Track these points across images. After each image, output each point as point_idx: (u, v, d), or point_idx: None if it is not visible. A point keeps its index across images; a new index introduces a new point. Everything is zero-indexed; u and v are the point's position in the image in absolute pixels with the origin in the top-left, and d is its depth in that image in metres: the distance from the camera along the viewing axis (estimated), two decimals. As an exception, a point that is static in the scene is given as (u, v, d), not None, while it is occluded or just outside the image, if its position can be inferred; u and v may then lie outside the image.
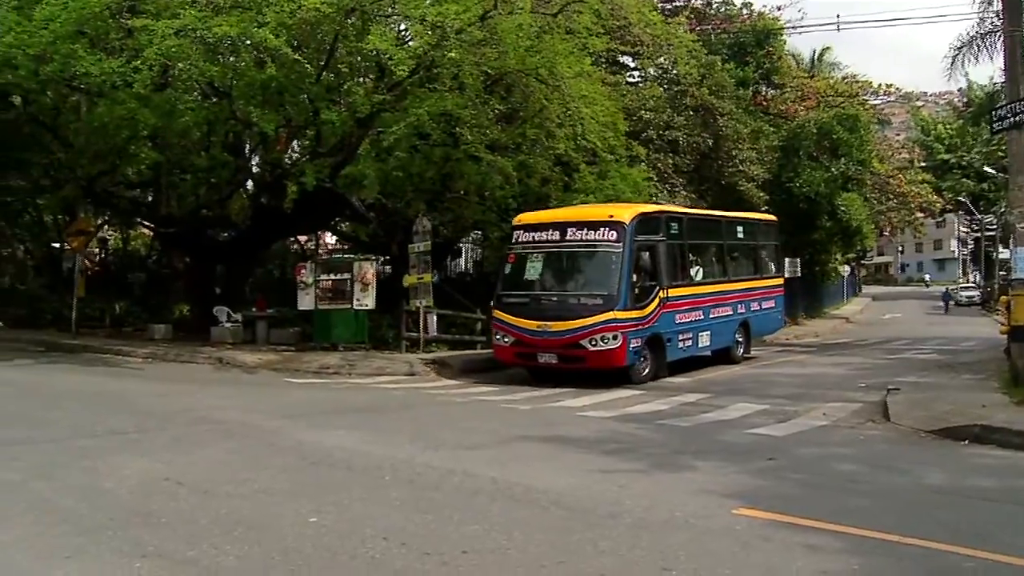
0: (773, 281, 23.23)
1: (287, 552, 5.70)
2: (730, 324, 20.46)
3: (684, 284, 18.42)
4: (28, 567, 5.34)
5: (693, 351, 18.73)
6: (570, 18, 19.21)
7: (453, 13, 16.79)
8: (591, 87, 20.08)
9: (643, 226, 17.10)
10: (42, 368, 17.26)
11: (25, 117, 22.90)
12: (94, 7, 16.56)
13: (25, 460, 8.36)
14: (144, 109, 17.89)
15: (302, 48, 18.06)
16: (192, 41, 16.63)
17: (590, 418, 12.20)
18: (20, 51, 16.85)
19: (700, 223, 20.61)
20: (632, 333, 16.27)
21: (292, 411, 12.17)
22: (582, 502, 7.20)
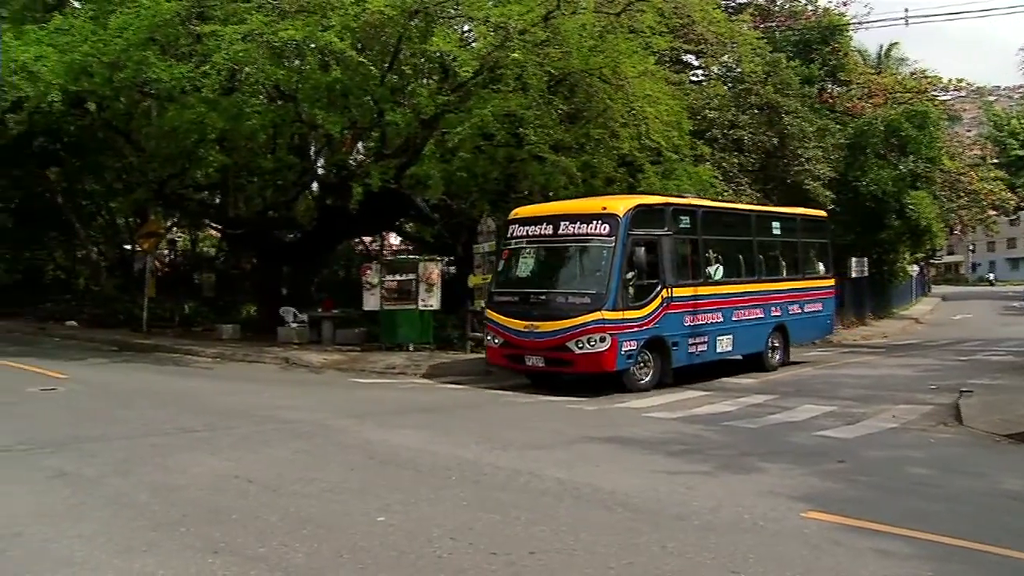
0: (820, 282, 21.34)
1: (355, 550, 5.75)
2: (761, 328, 18.78)
3: (696, 283, 16.94)
4: (107, 560, 5.45)
5: (709, 356, 17.27)
6: (633, 17, 19.08)
7: (516, 14, 16.82)
8: (655, 86, 19.93)
9: (641, 219, 15.85)
10: (115, 367, 17.64)
11: (99, 123, 23.47)
12: (165, 14, 16.91)
13: (101, 457, 8.55)
14: (212, 113, 18.23)
15: (366, 50, 18.18)
16: (259, 45, 16.85)
17: (655, 419, 12.14)
18: (95, 59, 17.29)
19: (721, 217, 19.11)
20: (625, 335, 15.06)
21: (358, 410, 12.27)
22: (649, 503, 7.18)
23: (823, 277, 21.61)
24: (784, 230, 20.47)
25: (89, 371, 16.52)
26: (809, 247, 21.70)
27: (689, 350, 16.64)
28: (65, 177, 32.30)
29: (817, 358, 21.66)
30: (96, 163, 29.58)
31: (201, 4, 17.53)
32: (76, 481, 7.55)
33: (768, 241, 19.97)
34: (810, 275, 21.07)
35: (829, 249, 22.59)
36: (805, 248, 21.44)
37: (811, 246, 21.79)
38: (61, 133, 26.61)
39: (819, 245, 22.19)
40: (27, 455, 8.60)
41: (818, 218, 22.62)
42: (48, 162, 30.31)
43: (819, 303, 21.05)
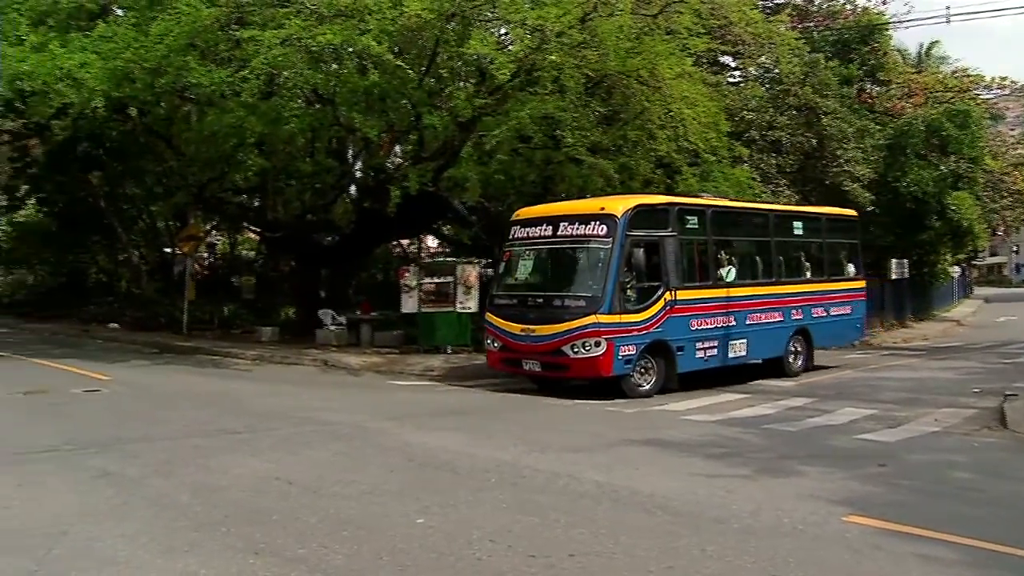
0: (849, 284, 20.58)
1: (394, 552, 5.78)
2: (780, 332, 18.08)
3: (705, 285, 16.41)
4: (151, 559, 5.52)
5: (720, 362, 16.61)
6: (670, 18, 18.98)
7: (553, 16, 16.83)
8: (692, 88, 19.83)
9: (641, 219, 15.37)
10: (157, 369, 17.84)
11: (141, 128, 23.80)
12: (204, 20, 17.09)
13: (143, 457, 8.66)
14: (251, 117, 18.41)
15: (404, 54, 18.25)
16: (297, 50, 17.00)
17: (694, 422, 12.10)
18: (137, 65, 17.53)
19: (735, 217, 18.48)
20: (622, 339, 14.63)
21: (397, 413, 12.31)
22: (688, 506, 7.15)
23: (853, 279, 20.83)
24: (807, 230, 19.72)
25: (131, 373, 16.72)
26: (837, 248, 20.99)
27: (697, 355, 16.11)
28: (107, 181, 32.76)
29: (857, 360, 21.44)
30: (137, 167, 29.97)
31: (240, 9, 17.69)
32: (119, 481, 7.65)
33: (789, 242, 19.28)
34: (837, 277, 20.37)
35: (859, 250, 21.70)
36: (832, 249, 20.73)
37: (839, 247, 21.09)
38: (103, 138, 27.01)
39: (848, 246, 21.38)
40: (72, 455, 8.73)
41: (847, 218, 21.70)
42: (91, 167, 30.73)
43: (848, 306, 20.30)
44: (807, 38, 29.47)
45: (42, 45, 17.88)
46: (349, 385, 16.09)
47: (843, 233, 21.32)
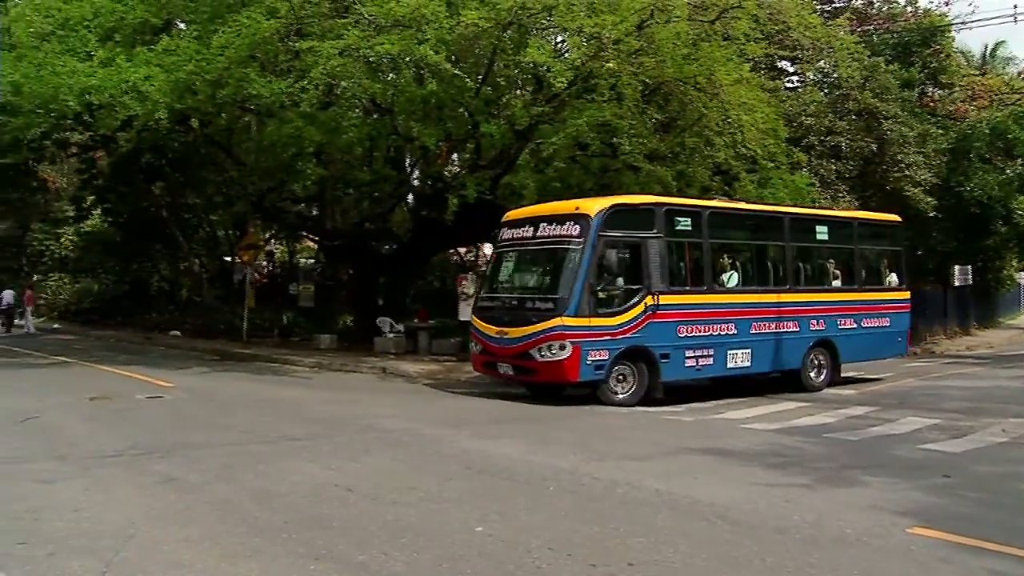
0: (887, 294, 19.15)
1: (454, 559, 5.78)
2: (795, 343, 16.86)
3: (697, 290, 15.68)
4: (214, 564, 5.59)
5: (716, 372, 15.90)
6: (727, 24, 18.84)
7: (610, 24, 16.81)
8: (750, 93, 19.68)
9: (620, 220, 14.80)
10: (217, 376, 18.08)
11: (202, 139, 24.20)
12: (264, 32, 17.31)
13: (205, 463, 8.77)
14: (310, 127, 18.62)
15: (461, 63, 18.38)
16: (355, 60, 17.16)
17: (753, 430, 11.96)
18: (199, 77, 17.81)
19: (739, 219, 17.47)
20: (592, 343, 14.10)
21: (455, 420, 12.35)
22: (748, 516, 7.07)
23: (893, 289, 19.39)
24: (834, 236, 18.45)
25: (193, 379, 16.98)
26: (874, 255, 19.78)
27: (687, 363, 15.30)
28: (169, 192, 33.36)
29: (919, 369, 21.09)
30: (198, 177, 30.50)
31: (299, 21, 17.91)
32: (182, 486, 7.76)
33: (810, 248, 18.20)
34: (873, 286, 19.09)
35: (902, 258, 20.11)
36: (866, 256, 19.51)
37: (877, 254, 19.85)
38: (166, 149, 27.50)
39: (889, 254, 19.98)
40: (137, 460, 8.87)
41: (886, 223, 20.34)
42: (154, 177, 31.32)
43: (886, 318, 18.86)
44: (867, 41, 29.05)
45: (109, 60, 18.26)
46: (407, 392, 16.17)
47: (882, 240, 20.13)
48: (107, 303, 38.80)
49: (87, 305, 40.62)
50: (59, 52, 18.47)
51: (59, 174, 42.16)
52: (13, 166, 30.17)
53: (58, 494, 7.34)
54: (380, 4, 16.94)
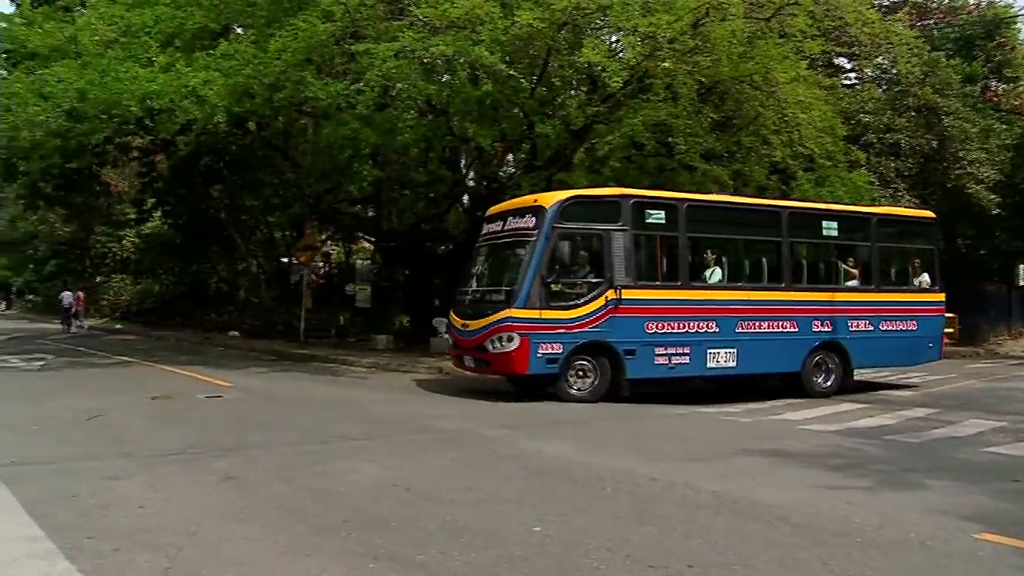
0: (914, 295, 17.74)
1: (512, 560, 5.76)
2: (793, 345, 16.00)
3: (670, 285, 15.17)
4: (275, 561, 5.63)
5: (693, 372, 15.42)
6: (784, 21, 18.66)
7: (665, 23, 16.73)
8: (807, 91, 19.47)
9: (579, 212, 14.63)
10: (275, 376, 18.26)
11: (259, 141, 24.49)
12: (320, 35, 17.48)
13: (264, 462, 8.85)
14: (366, 129, 18.75)
15: (516, 63, 18.37)
16: (410, 62, 17.26)
17: (812, 431, 11.82)
18: (257, 81, 18.05)
19: (724, 213, 16.60)
20: (542, 336, 13.99)
21: (512, 421, 12.33)
22: (808, 518, 6.97)
23: (923, 290, 17.89)
24: (846, 232, 17.45)
25: (251, 379, 17.17)
26: (898, 253, 18.55)
27: (656, 361, 14.83)
28: (227, 194, 33.81)
29: (982, 370, 20.70)
30: (256, 180, 30.86)
31: (354, 24, 18.04)
32: (242, 485, 7.84)
33: (815, 244, 17.29)
34: (894, 287, 17.83)
35: (935, 257, 18.39)
36: (888, 254, 18.33)
37: (902, 253, 18.53)
38: (224, 152, 27.90)
39: (920, 252, 18.42)
40: (197, 458, 8.98)
41: (916, 220, 18.92)
42: (212, 180, 31.76)
43: (912, 321, 17.45)
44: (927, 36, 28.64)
45: (169, 65, 18.56)
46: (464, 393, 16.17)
47: (911, 237, 18.68)
48: (167, 304, 39.47)
49: (148, 306, 41.37)
50: (122, 59, 18.81)
51: (121, 178, 42.90)
52: (78, 171, 30.77)
53: (123, 490, 7.45)
54: (435, 6, 17.03)
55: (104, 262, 49.78)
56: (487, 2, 16.74)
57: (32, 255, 58.43)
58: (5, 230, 61.04)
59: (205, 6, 19.78)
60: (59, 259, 54.68)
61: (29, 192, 34.40)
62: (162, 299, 40.65)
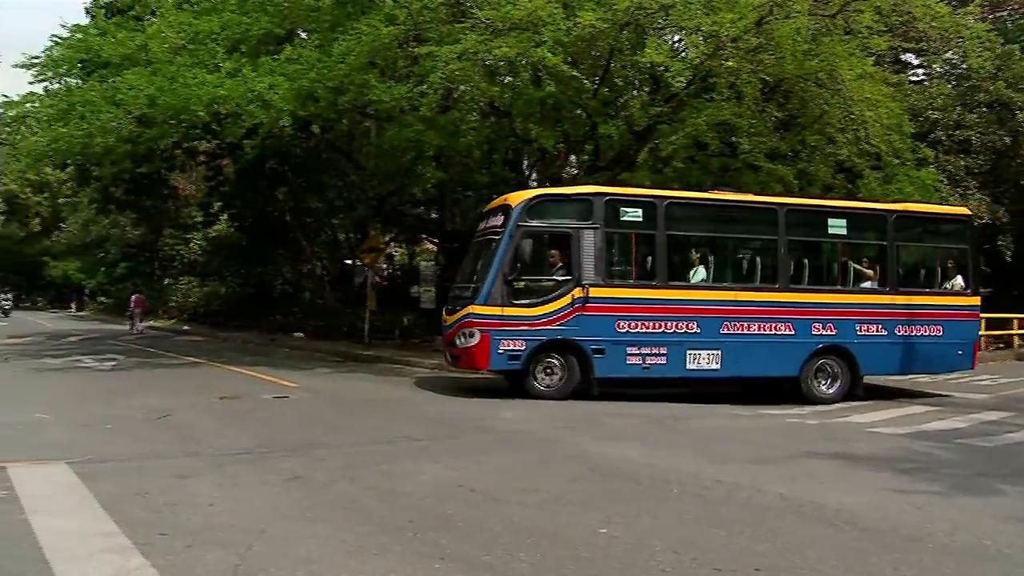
0: (939, 299, 16.40)
1: (578, 561, 5.76)
2: (790, 348, 15.34)
3: (644, 284, 15.06)
4: (342, 561, 5.68)
5: (671, 373, 15.13)
6: (849, 17, 18.35)
7: (728, 21, 16.60)
8: (874, 88, 19.12)
9: (546, 210, 14.93)
10: (340, 377, 18.44)
11: (323, 144, 24.76)
12: (384, 39, 17.62)
13: (330, 462, 8.94)
14: (430, 131, 18.87)
15: (578, 64, 18.37)
16: (473, 64, 17.32)
17: (880, 434, 11.65)
18: (321, 84, 18.26)
19: (710, 210, 16.22)
20: (503, 332, 14.31)
21: (576, 422, 12.33)
22: (877, 523, 6.87)
23: (952, 293, 16.61)
24: (857, 230, 16.53)
25: (316, 380, 17.36)
26: (923, 253, 17.47)
27: (629, 361, 14.77)
28: (292, 197, 34.18)
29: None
30: (320, 182, 31.17)
31: (417, 27, 18.17)
32: (308, 484, 7.92)
33: (817, 242, 16.61)
34: (915, 289, 16.54)
35: (970, 258, 17.07)
36: (909, 254, 17.34)
37: (929, 252, 17.38)
38: (289, 156, 28.21)
39: (952, 252, 17.10)
40: (264, 458, 9.10)
41: (947, 217, 17.64)
42: (277, 183, 32.14)
43: (936, 326, 16.16)
44: (1000, 29, 27.94)
45: (236, 70, 18.85)
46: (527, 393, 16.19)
47: (939, 236, 17.54)
48: (233, 305, 40.02)
49: (214, 307, 42.00)
50: (190, 65, 19.15)
51: (188, 181, 43.66)
52: (147, 175, 31.34)
53: (193, 488, 7.59)
54: (497, 7, 17.07)
55: (172, 265, 50.69)
56: (549, 3, 16.74)
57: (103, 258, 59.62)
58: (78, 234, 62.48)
59: (270, 12, 20.06)
60: (129, 262, 55.75)
61: (101, 196, 35.15)
62: (228, 301, 41.23)
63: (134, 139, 21.37)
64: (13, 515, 6.60)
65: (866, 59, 19.43)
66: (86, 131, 19.62)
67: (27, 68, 21.52)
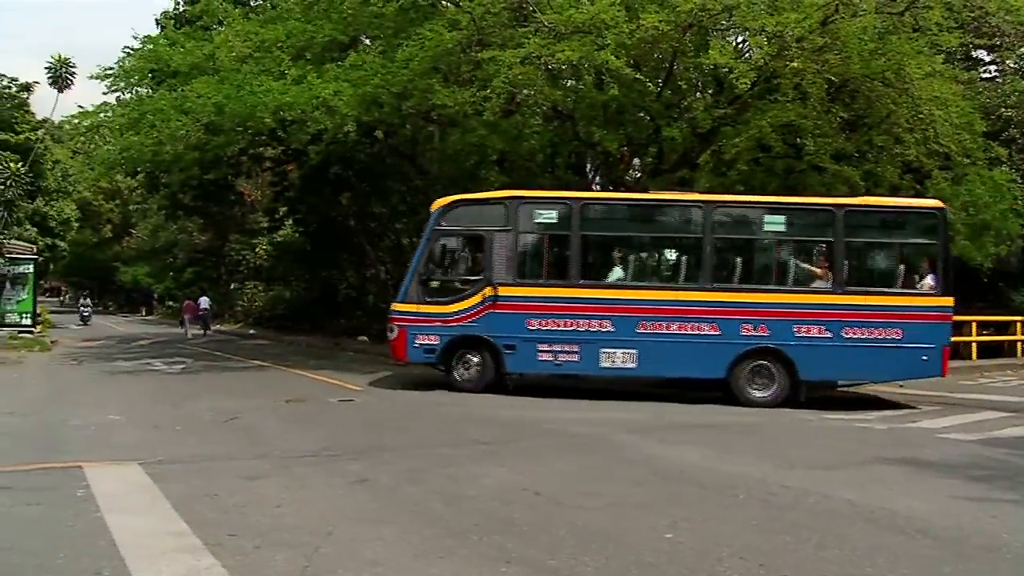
0: (897, 299, 15.11)
1: (643, 566, 5.71)
2: (715, 349, 14.94)
3: (555, 284, 15.50)
4: (408, 563, 5.71)
5: (584, 370, 15.63)
6: (918, 15, 17.98)
7: (793, 21, 16.40)
8: (943, 87, 18.71)
9: (460, 215, 15.91)
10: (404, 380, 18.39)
11: (387, 149, 24.97)
12: (447, 44, 17.73)
13: (395, 465, 8.99)
14: (493, 135, 18.94)
15: (641, 67, 18.27)
16: (536, 68, 17.34)
17: (951, 440, 11.41)
18: (385, 90, 18.44)
19: (629, 211, 16.56)
20: (418, 328, 15.70)
21: (639, 426, 12.26)
22: (950, 531, 6.72)
23: (917, 293, 15.23)
24: (800, 227, 15.92)
25: (380, 384, 17.50)
26: (885, 250, 16.36)
27: (540, 358, 15.37)
28: (355, 202, 34.45)
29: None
30: (383, 187, 31.41)
31: (480, 32, 18.23)
32: (374, 487, 7.98)
33: (751, 240, 16.05)
34: (868, 289, 15.43)
35: (941, 255, 15.41)
36: (865, 252, 16.38)
37: (891, 249, 16.20)
38: (352, 161, 28.49)
39: (920, 249, 15.84)
40: (331, 461, 9.19)
41: (912, 211, 16.19)
42: (341, 188, 32.44)
43: (895, 328, 14.92)
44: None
45: (301, 77, 19.11)
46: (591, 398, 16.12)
47: (902, 232, 16.16)
48: (298, 309, 40.46)
49: (279, 311, 42.50)
50: (256, 73, 19.46)
51: (254, 187, 44.31)
52: (214, 181, 31.93)
53: (261, 490, 7.69)
54: (560, 12, 17.07)
55: (238, 269, 51.45)
56: (612, 6, 16.69)
57: (172, 263, 60.76)
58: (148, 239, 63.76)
59: (334, 19, 20.29)
60: (196, 266, 56.73)
61: (170, 203, 35.87)
62: (293, 305, 41.68)
63: (202, 146, 21.80)
64: (90, 513, 6.76)
65: (935, 57, 19.02)
66: (156, 139, 20.03)
67: (101, 79, 22.04)
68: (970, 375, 20.48)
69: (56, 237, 46.48)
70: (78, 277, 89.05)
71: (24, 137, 40.26)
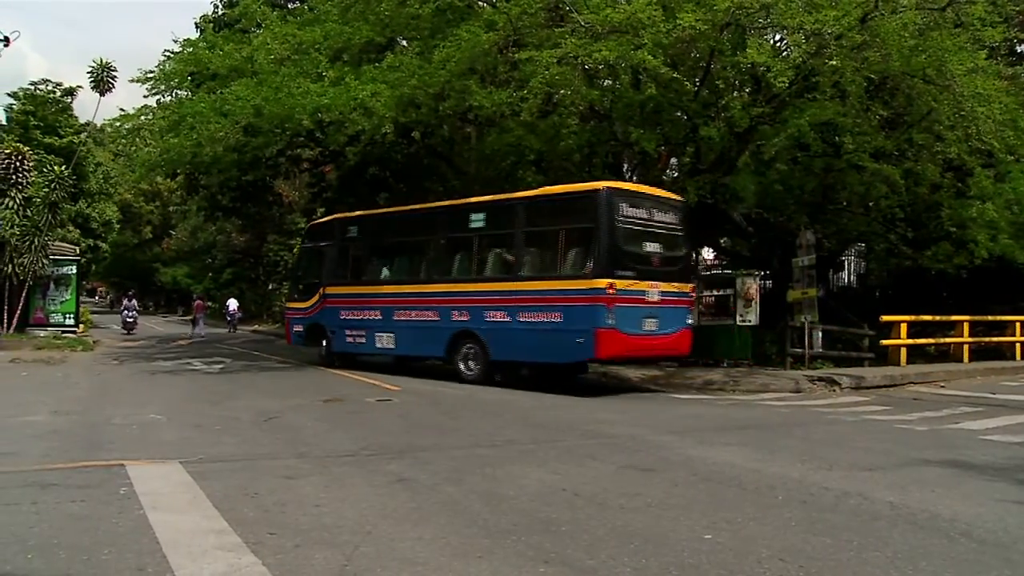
0: (558, 284, 15.76)
1: (683, 567, 5.69)
2: (436, 333, 17.80)
3: (351, 283, 20.49)
4: (447, 563, 5.72)
5: (371, 350, 19.79)
6: (960, 9, 17.72)
7: (831, 19, 16.22)
8: (986, 83, 18.38)
9: (313, 233, 22.83)
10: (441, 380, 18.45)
11: (424, 150, 25.05)
12: (484, 45, 17.75)
13: (434, 465, 9.01)
14: (530, 135, 18.97)
15: (678, 66, 18.19)
16: (573, 68, 17.31)
17: (995, 442, 11.23)
18: (422, 91, 18.50)
19: (392, 221, 20.82)
20: (294, 320, 22.45)
21: (678, 426, 12.22)
22: (996, 535, 6.60)
23: (573, 276, 15.67)
24: (496, 222, 17.41)
25: (419, 384, 17.51)
26: (552, 237, 16.54)
27: (347, 340, 20.35)
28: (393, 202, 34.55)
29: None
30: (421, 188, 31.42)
31: (517, 32, 18.23)
32: (413, 487, 7.99)
33: (463, 238, 18.13)
34: (539, 275, 16.30)
35: (598, 236, 15.57)
36: (539, 240, 16.88)
37: (560, 235, 16.35)
38: (390, 162, 28.59)
39: (580, 232, 16.10)
40: (369, 460, 9.22)
41: (574, 195, 16.62)
42: (379, 189, 32.54)
43: (556, 312, 15.55)
44: None
45: (338, 79, 19.26)
46: (629, 398, 16.10)
47: (569, 218, 16.43)
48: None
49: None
50: (294, 75, 19.61)
51: (292, 188, 44.59)
52: (252, 183, 32.16)
53: (300, 489, 7.74)
54: (596, 11, 17.04)
55: (276, 270, 51.79)
56: (649, 5, 16.61)
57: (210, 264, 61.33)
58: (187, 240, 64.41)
59: (371, 21, 20.39)
60: (234, 267, 57.22)
61: (208, 204, 36.14)
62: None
63: (240, 148, 22.02)
64: (134, 511, 6.85)
65: (978, 53, 18.72)
66: (195, 141, 20.25)
67: (141, 83, 22.36)
68: (1015, 376, 20.25)
69: (98, 238, 47.14)
70: (118, 278, 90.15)
71: (67, 140, 40.95)
